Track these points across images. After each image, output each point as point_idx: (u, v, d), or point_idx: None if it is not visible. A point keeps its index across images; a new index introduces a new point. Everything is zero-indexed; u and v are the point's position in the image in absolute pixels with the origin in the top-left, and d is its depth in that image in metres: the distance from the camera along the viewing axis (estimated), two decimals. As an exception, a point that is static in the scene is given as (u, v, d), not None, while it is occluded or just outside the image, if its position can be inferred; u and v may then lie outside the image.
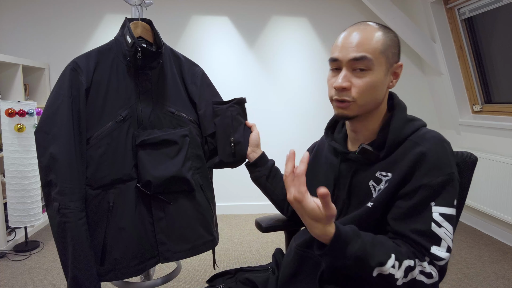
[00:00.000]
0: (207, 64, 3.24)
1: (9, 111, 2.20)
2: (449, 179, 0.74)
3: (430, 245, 0.73)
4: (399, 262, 0.70)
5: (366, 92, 0.79)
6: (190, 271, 2.20)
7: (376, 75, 0.79)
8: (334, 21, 3.33)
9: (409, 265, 0.70)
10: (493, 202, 2.63)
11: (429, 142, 0.77)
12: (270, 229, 1.21)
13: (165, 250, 1.15)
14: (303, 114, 3.38)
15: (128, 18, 1.15)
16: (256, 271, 1.06)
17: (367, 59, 0.78)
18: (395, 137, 0.80)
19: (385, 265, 0.69)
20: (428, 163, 0.75)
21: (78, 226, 1.01)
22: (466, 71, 2.95)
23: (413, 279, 0.71)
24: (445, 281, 2.07)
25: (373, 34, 0.79)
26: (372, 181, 0.82)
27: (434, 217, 0.73)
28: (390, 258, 0.70)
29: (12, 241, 2.48)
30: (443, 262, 0.73)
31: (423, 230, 0.73)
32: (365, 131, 0.87)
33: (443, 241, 0.73)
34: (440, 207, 0.73)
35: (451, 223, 0.74)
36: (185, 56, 1.27)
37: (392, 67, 0.82)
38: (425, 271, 0.72)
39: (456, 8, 2.82)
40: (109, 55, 1.12)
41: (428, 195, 0.74)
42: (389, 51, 0.80)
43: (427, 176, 0.74)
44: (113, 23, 3.14)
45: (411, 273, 0.71)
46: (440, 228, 0.73)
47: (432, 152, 0.75)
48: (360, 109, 0.81)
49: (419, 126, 0.82)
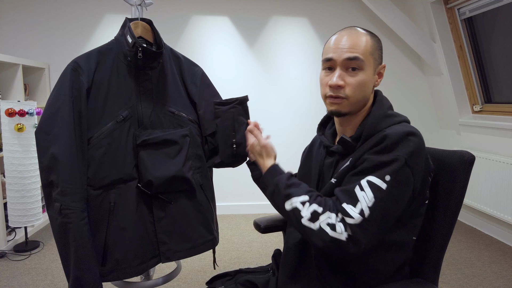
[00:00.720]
0: (207, 64, 3.24)
1: (9, 111, 2.20)
2: (393, 160, 0.77)
3: (345, 201, 0.78)
4: (309, 203, 0.81)
5: (358, 89, 0.86)
6: (190, 271, 2.20)
7: (367, 74, 0.86)
8: (334, 21, 3.33)
9: (316, 211, 0.79)
10: (493, 202, 2.63)
11: (395, 130, 0.80)
12: (269, 229, 1.21)
13: (166, 249, 1.15)
14: (303, 113, 3.39)
15: (128, 18, 1.15)
16: (256, 273, 1.06)
17: (359, 60, 0.85)
18: (371, 130, 0.84)
19: (292, 198, 0.83)
20: (384, 143, 0.79)
21: (80, 226, 1.01)
22: (466, 71, 2.95)
23: (319, 228, 0.78)
24: (445, 281, 2.08)
25: (362, 37, 0.87)
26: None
27: (361, 181, 0.78)
28: (301, 196, 0.83)
29: (12, 241, 2.48)
30: (353, 221, 0.75)
31: (347, 189, 0.80)
32: (350, 125, 0.92)
33: (359, 203, 0.76)
34: (370, 176, 0.78)
35: (375, 194, 0.76)
36: (185, 56, 1.27)
37: (378, 68, 0.90)
38: (330, 222, 0.77)
39: (456, 8, 2.82)
40: (109, 55, 1.12)
41: (368, 167, 0.79)
42: (376, 53, 0.88)
43: (376, 154, 0.79)
44: (113, 23, 3.14)
45: (317, 219, 0.78)
46: (361, 191, 0.77)
47: (391, 136, 0.79)
48: (352, 106, 0.87)
49: (398, 121, 0.86)
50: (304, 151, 1.11)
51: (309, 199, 0.82)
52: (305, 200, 0.82)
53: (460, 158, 0.90)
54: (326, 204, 0.80)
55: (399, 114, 0.89)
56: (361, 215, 0.75)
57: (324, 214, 0.78)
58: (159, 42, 1.18)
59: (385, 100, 0.92)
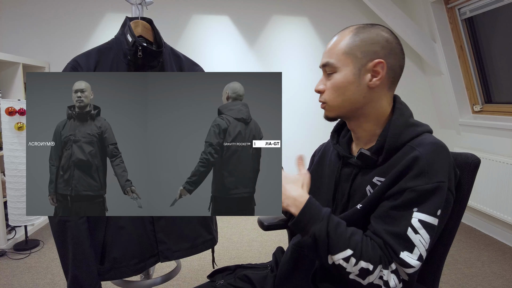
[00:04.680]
0: (208, 63, 3.24)
1: (9, 109, 2.20)
2: (437, 188, 0.72)
3: (401, 249, 0.70)
4: (356, 260, 0.71)
5: (334, 93, 0.83)
6: (190, 270, 2.20)
7: (343, 76, 0.81)
8: (335, 21, 3.33)
9: (367, 268, 0.70)
10: (493, 202, 2.63)
11: (425, 147, 0.75)
12: (272, 227, 1.21)
13: (165, 249, 1.15)
14: (303, 113, 3.38)
15: (128, 17, 1.15)
16: (255, 268, 1.06)
17: (329, 64, 0.83)
18: (393, 143, 0.79)
19: (334, 255, 0.72)
20: (419, 167, 0.73)
21: (78, 225, 1.01)
22: (467, 71, 2.95)
23: (370, 283, 0.71)
24: (445, 281, 2.08)
25: (342, 38, 0.83)
26: (369, 186, 0.81)
27: (413, 222, 0.71)
28: (344, 251, 0.71)
29: (12, 240, 2.48)
30: (412, 270, 0.70)
31: (398, 232, 0.72)
32: (363, 132, 0.87)
33: (416, 248, 0.70)
34: (421, 214, 0.71)
35: (429, 233, 0.71)
36: (186, 55, 1.27)
37: (366, 66, 0.80)
38: (383, 278, 0.71)
39: (457, 8, 2.82)
40: (109, 54, 1.12)
41: (412, 199, 0.72)
42: (357, 51, 0.80)
43: (415, 180, 0.72)
44: (113, 22, 3.14)
45: (367, 276, 0.70)
46: (416, 235, 0.71)
47: (425, 157, 0.73)
48: (335, 110, 0.85)
49: (421, 132, 0.80)
50: (314, 156, 1.08)
51: (353, 253, 0.71)
52: (348, 255, 0.71)
53: (465, 161, 0.86)
54: (375, 258, 0.71)
55: (420, 123, 0.83)
56: (420, 260, 0.71)
57: (375, 272, 0.70)
58: (159, 41, 1.17)
59: (405, 107, 0.86)
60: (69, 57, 1.21)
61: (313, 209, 0.76)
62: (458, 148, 3.08)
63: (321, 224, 0.73)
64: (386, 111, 0.85)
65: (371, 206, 0.78)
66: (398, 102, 0.86)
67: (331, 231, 0.72)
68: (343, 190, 0.88)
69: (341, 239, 0.72)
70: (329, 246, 0.72)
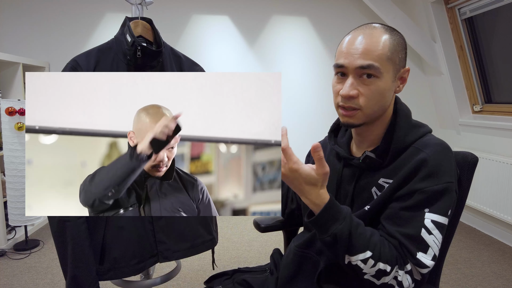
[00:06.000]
0: (208, 63, 3.24)
1: (9, 109, 2.20)
2: (446, 188, 0.73)
3: (416, 250, 0.72)
4: (374, 261, 0.70)
5: (374, 100, 0.77)
6: (190, 270, 2.20)
7: (384, 82, 0.76)
8: (335, 21, 3.33)
9: (384, 270, 0.70)
10: (493, 202, 2.63)
11: (432, 148, 0.76)
12: (269, 229, 1.21)
13: (165, 249, 1.15)
14: (303, 113, 3.38)
15: (128, 17, 1.15)
16: (253, 272, 1.05)
17: (374, 68, 0.74)
18: (398, 145, 0.79)
19: (353, 256, 0.71)
20: (427, 169, 0.73)
21: (78, 225, 1.01)
22: (467, 71, 2.95)
23: (384, 283, 0.72)
24: (445, 281, 2.07)
25: (379, 39, 0.76)
26: (375, 187, 0.81)
27: (426, 223, 0.72)
28: (363, 252, 0.71)
29: (12, 240, 2.48)
30: (426, 270, 0.72)
31: (412, 234, 0.72)
32: (370, 135, 0.85)
33: (430, 248, 0.72)
34: (433, 214, 0.72)
35: (441, 232, 0.73)
36: (186, 55, 1.27)
37: (399, 72, 0.79)
38: (398, 279, 0.72)
39: (457, 8, 2.82)
40: (109, 53, 1.12)
41: (423, 200, 0.73)
42: (396, 56, 0.77)
43: (425, 182, 0.73)
44: (113, 22, 3.14)
45: (384, 277, 0.71)
46: (429, 235, 0.72)
47: (433, 159, 0.74)
48: (366, 117, 0.79)
49: (424, 132, 0.81)
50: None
51: (372, 255, 0.71)
52: (367, 257, 0.71)
53: (463, 159, 0.87)
54: (392, 259, 0.72)
55: (422, 124, 0.84)
56: (434, 260, 0.72)
57: (392, 273, 0.71)
58: (159, 41, 1.18)
59: (405, 107, 0.85)
60: (69, 57, 1.21)
61: (335, 208, 0.73)
62: (458, 148, 3.08)
63: (343, 224, 0.71)
64: (389, 113, 0.84)
65: (379, 207, 0.78)
66: (399, 103, 0.85)
67: (353, 231, 0.71)
68: (346, 192, 0.88)
69: (362, 239, 0.71)
70: (349, 246, 0.71)
